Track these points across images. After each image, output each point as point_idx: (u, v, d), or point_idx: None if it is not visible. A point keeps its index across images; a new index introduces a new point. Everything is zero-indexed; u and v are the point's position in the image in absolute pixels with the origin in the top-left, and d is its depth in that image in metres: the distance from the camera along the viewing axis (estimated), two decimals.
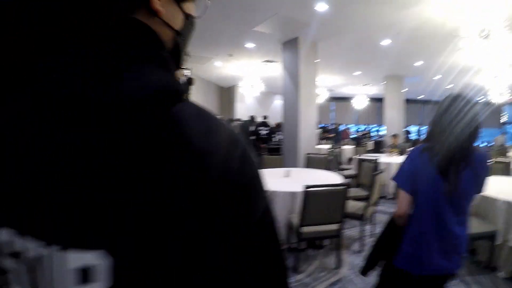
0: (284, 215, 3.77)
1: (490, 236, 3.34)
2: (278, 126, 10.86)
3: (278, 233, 0.48)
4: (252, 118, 10.40)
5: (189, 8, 0.53)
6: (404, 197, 1.73)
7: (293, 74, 7.58)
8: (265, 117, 11.60)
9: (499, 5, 5.27)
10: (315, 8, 5.67)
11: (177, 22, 0.51)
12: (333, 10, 5.80)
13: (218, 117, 0.45)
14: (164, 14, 0.47)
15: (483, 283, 3.20)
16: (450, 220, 1.67)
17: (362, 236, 4.07)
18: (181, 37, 0.52)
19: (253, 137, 9.76)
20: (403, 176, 1.78)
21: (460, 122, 1.59)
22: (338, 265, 3.54)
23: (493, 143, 15.12)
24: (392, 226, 1.81)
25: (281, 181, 4.42)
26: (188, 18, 0.53)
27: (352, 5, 5.63)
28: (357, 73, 12.64)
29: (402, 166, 1.80)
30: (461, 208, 1.70)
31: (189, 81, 1.32)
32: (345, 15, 6.12)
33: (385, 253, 1.85)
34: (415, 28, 6.75)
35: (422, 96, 20.54)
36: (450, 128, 1.62)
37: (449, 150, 1.61)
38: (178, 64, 0.55)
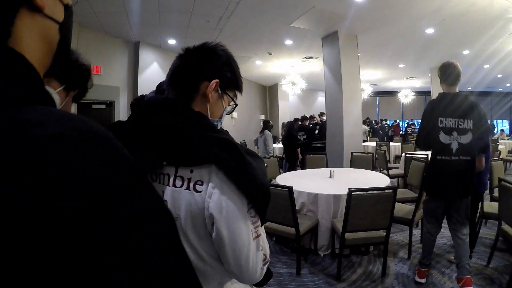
0: (327, 218, 3.60)
1: None
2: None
3: None
4: (296, 119, 10.21)
5: None
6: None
7: (334, 69, 7.31)
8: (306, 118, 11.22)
9: None
10: None
11: (59, 13, 0.50)
12: (371, 0, 5.49)
13: None
14: (46, 8, 0.46)
15: None
16: None
17: (410, 242, 3.75)
18: (65, 28, 0.52)
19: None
20: None
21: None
22: (383, 273, 3.27)
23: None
24: None
25: (325, 183, 4.24)
26: (67, 7, 0.53)
27: None
28: (401, 65, 12.05)
29: None
30: None
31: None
32: (385, 5, 5.76)
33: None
34: (460, 14, 6.22)
35: (469, 88, 19.03)
36: None
37: None
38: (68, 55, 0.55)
